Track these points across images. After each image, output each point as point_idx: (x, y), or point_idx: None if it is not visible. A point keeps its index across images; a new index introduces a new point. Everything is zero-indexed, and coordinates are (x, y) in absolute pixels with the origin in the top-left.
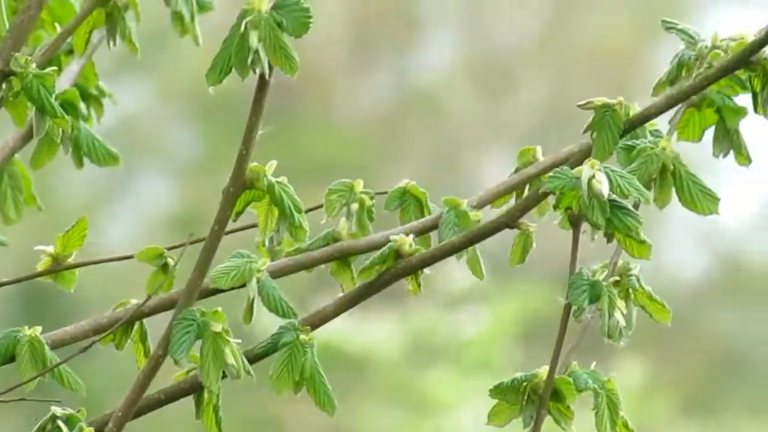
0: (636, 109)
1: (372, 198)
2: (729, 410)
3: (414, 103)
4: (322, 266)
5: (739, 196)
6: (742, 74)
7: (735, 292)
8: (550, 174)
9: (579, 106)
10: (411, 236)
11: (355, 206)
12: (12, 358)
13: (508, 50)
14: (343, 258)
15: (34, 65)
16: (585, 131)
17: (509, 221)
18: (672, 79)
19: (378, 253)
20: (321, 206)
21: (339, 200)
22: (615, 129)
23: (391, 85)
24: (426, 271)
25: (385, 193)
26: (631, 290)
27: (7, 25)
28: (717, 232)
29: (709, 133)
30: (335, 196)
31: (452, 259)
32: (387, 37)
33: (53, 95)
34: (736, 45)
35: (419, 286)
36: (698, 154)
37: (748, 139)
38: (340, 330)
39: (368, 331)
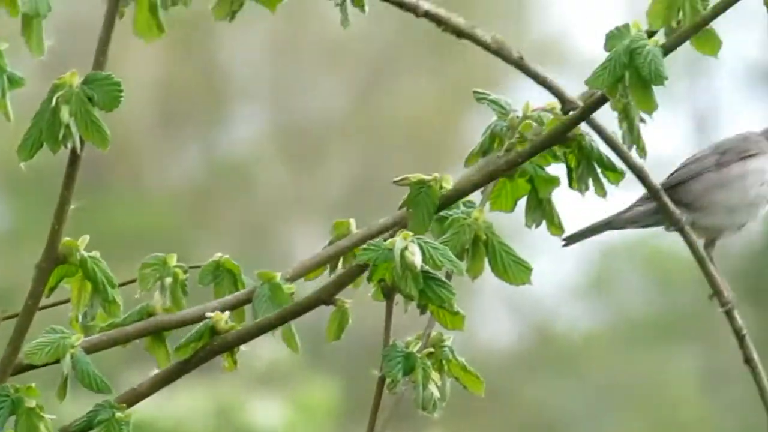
0: (450, 182)
1: (186, 272)
2: None
3: (224, 175)
4: (137, 341)
5: (553, 266)
6: (557, 148)
7: (547, 361)
8: (363, 246)
9: (395, 182)
10: (227, 313)
11: (168, 280)
12: None
13: (319, 122)
14: (158, 333)
15: None
16: (401, 207)
17: (325, 297)
18: (485, 150)
19: (194, 330)
20: (134, 280)
21: (153, 274)
22: (431, 205)
23: (201, 157)
24: (242, 347)
25: (199, 266)
26: (444, 361)
27: None
28: (530, 302)
29: (522, 203)
30: (149, 270)
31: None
32: (196, 109)
33: None
34: (550, 121)
35: (235, 363)
36: (511, 224)
37: (561, 209)
38: (150, 401)
39: (178, 405)
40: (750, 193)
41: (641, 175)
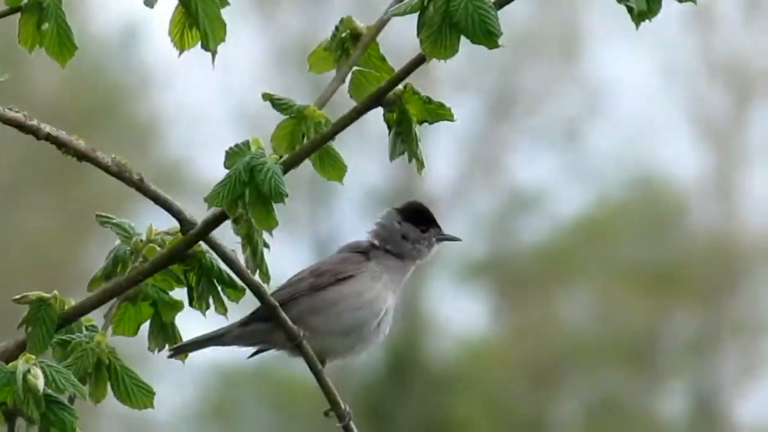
0: (71, 303)
1: None
2: None
3: None
4: None
5: (174, 391)
6: (178, 270)
7: None
8: None
9: (14, 300)
10: None
11: None
12: None
13: None
14: None
15: None
16: (20, 326)
17: None
18: (108, 274)
19: None
20: None
21: None
22: (50, 323)
23: None
24: None
25: None
26: None
27: None
28: (153, 427)
29: (146, 327)
30: None
31: None
32: None
33: None
34: (172, 240)
35: None
36: (134, 348)
37: (185, 333)
38: None
39: None
40: (344, 319)
41: (259, 293)
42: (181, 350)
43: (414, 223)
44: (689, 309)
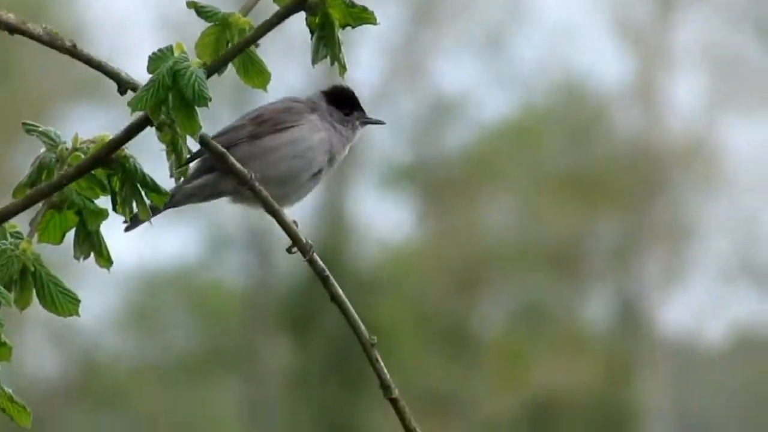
0: None
1: None
2: None
3: None
4: None
5: (99, 298)
6: (103, 175)
7: (92, 392)
8: None
9: None
10: None
11: None
12: None
13: None
14: None
15: None
16: None
17: None
18: (32, 182)
19: None
20: None
21: None
22: None
23: None
24: None
25: None
26: None
27: None
28: (76, 334)
29: (71, 235)
30: None
31: None
32: None
33: None
34: (96, 146)
35: None
36: (59, 256)
37: (111, 241)
38: None
39: None
40: (280, 166)
41: (204, 141)
42: (135, 221)
43: (338, 107)
44: (613, 214)
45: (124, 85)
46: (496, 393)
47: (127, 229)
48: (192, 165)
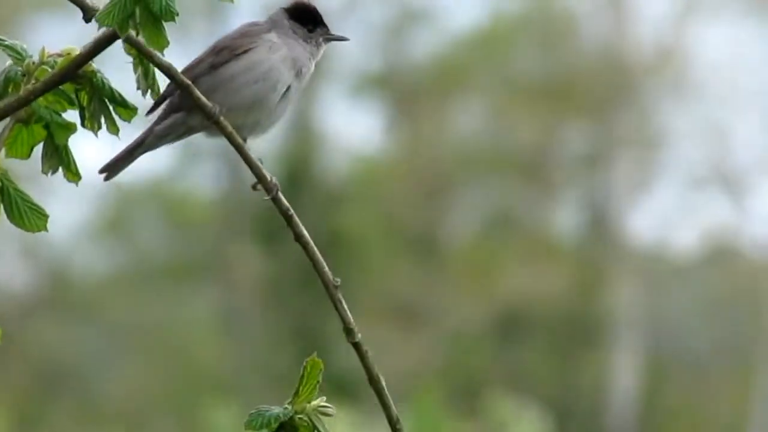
0: None
1: None
2: (57, 421)
3: None
4: None
5: (69, 209)
6: (70, 89)
7: (63, 304)
8: None
9: None
10: None
11: None
12: None
13: None
14: None
15: None
16: None
17: None
18: None
19: None
20: None
21: None
22: None
23: None
24: None
25: None
26: None
27: None
28: (45, 246)
29: (39, 149)
30: None
31: None
32: None
33: None
34: (63, 60)
35: None
36: (29, 170)
37: (79, 155)
38: None
39: None
40: (243, 93)
41: (170, 73)
42: (111, 169)
43: (301, 23)
44: (582, 122)
45: (89, 12)
46: (465, 302)
47: (106, 179)
48: (161, 108)
